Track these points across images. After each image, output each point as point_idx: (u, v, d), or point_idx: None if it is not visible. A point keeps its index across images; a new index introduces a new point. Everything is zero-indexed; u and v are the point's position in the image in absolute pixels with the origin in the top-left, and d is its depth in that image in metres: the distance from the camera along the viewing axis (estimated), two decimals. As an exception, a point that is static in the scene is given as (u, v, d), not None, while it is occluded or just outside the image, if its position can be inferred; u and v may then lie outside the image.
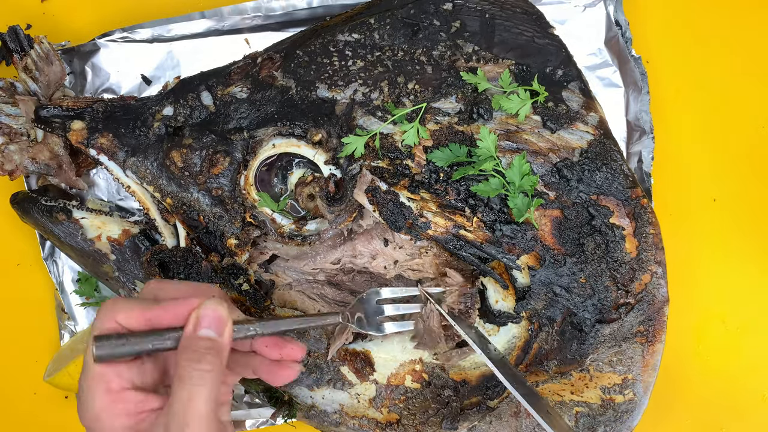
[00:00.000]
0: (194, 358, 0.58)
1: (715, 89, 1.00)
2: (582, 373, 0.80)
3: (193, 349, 0.59)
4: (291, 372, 0.67)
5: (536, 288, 0.78)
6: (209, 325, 0.60)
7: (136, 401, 0.59)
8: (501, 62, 0.82)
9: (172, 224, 0.85)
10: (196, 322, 0.60)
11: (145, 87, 0.98)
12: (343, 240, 0.83)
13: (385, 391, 0.84)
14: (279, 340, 0.67)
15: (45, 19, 1.01)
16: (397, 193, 0.78)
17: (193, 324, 0.60)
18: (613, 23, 0.96)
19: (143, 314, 0.60)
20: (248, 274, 0.81)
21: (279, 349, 0.67)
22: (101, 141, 0.82)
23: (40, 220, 0.86)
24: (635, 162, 0.94)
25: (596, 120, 0.81)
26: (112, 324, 0.60)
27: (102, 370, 0.59)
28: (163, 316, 0.61)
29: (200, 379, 0.57)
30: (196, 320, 0.60)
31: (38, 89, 0.89)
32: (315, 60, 0.83)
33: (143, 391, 0.61)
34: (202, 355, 0.58)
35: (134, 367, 0.61)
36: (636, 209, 0.79)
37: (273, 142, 0.82)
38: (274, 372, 0.67)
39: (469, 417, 0.81)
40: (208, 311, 0.60)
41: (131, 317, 0.60)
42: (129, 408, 0.59)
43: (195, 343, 0.59)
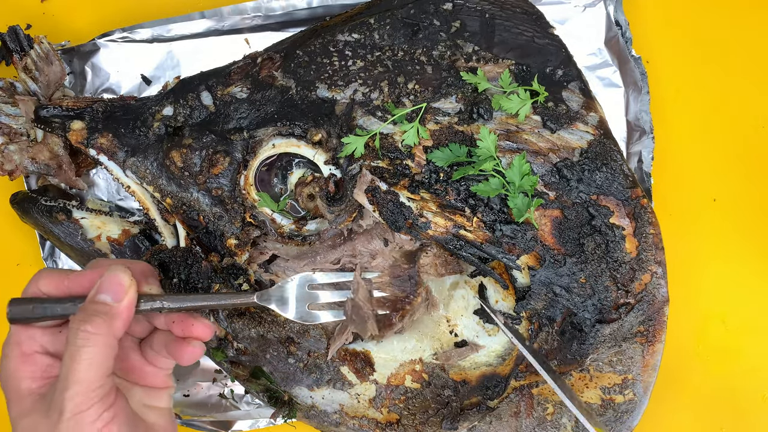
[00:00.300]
0: (82, 319, 0.58)
1: (715, 89, 1.00)
2: (582, 373, 0.80)
3: (86, 311, 0.59)
4: (194, 350, 0.66)
5: (536, 288, 0.78)
6: (108, 290, 0.60)
7: (45, 365, 0.61)
8: (501, 62, 0.82)
9: (172, 224, 0.85)
10: (98, 287, 0.61)
11: (145, 87, 0.98)
12: (343, 240, 0.83)
13: (385, 391, 0.84)
14: (186, 316, 0.67)
15: (45, 19, 1.01)
16: (397, 193, 0.78)
17: (95, 289, 0.61)
18: (613, 23, 0.96)
19: (62, 281, 0.62)
20: (248, 274, 0.81)
21: (183, 326, 0.66)
22: (101, 141, 0.82)
23: (39, 220, 0.86)
24: (635, 162, 0.94)
25: (596, 120, 0.81)
26: (34, 290, 0.62)
27: (16, 333, 0.61)
28: (80, 283, 0.62)
29: (84, 341, 0.57)
30: (98, 285, 0.61)
31: (38, 89, 0.89)
32: (315, 60, 0.83)
33: (54, 357, 0.62)
34: (90, 317, 0.58)
35: (48, 333, 0.62)
36: (636, 209, 0.79)
37: (273, 142, 0.82)
38: (179, 350, 0.66)
39: (469, 417, 0.81)
40: (109, 276, 0.61)
41: (51, 284, 0.62)
42: (35, 371, 0.60)
43: (89, 306, 0.60)
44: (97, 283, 0.61)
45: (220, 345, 0.84)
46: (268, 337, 0.83)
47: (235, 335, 0.83)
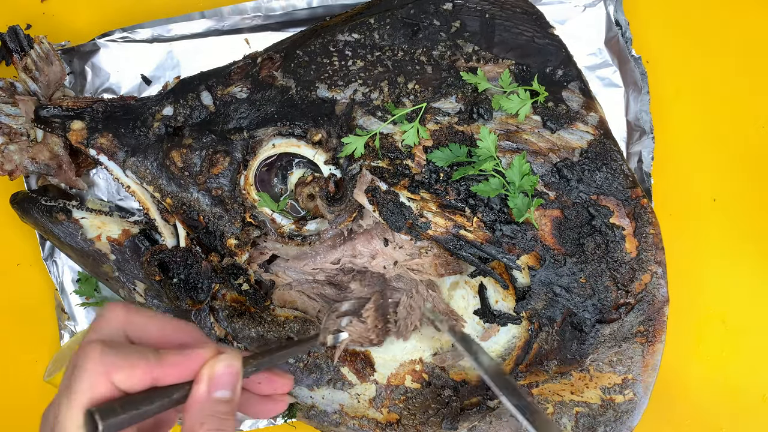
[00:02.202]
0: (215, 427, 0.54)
1: (715, 89, 1.00)
2: (582, 373, 0.80)
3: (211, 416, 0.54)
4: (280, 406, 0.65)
5: (536, 288, 0.78)
6: (226, 384, 0.55)
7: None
8: (501, 62, 0.82)
9: (172, 224, 0.85)
10: (210, 383, 0.54)
11: (145, 87, 0.98)
12: (343, 240, 0.83)
13: (385, 391, 0.84)
14: (270, 375, 0.65)
15: (45, 19, 1.01)
16: (397, 193, 0.78)
17: (207, 385, 0.54)
18: (613, 23, 0.96)
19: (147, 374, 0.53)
20: (248, 274, 0.81)
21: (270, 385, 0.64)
22: (101, 141, 0.82)
23: (40, 220, 0.86)
24: (635, 162, 0.94)
25: (596, 120, 0.81)
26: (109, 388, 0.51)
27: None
28: (171, 374, 0.54)
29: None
30: (209, 381, 0.55)
31: (38, 89, 0.89)
32: (315, 60, 0.83)
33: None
34: (222, 422, 0.54)
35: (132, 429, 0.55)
36: (636, 209, 0.79)
37: (273, 142, 0.82)
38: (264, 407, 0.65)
39: (469, 417, 0.81)
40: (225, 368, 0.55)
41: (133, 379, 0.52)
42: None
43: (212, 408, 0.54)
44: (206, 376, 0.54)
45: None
46: (268, 337, 0.83)
47: (235, 335, 0.83)
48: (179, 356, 0.54)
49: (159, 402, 0.52)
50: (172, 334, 0.58)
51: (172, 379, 0.54)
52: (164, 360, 0.54)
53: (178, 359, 0.54)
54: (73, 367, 0.52)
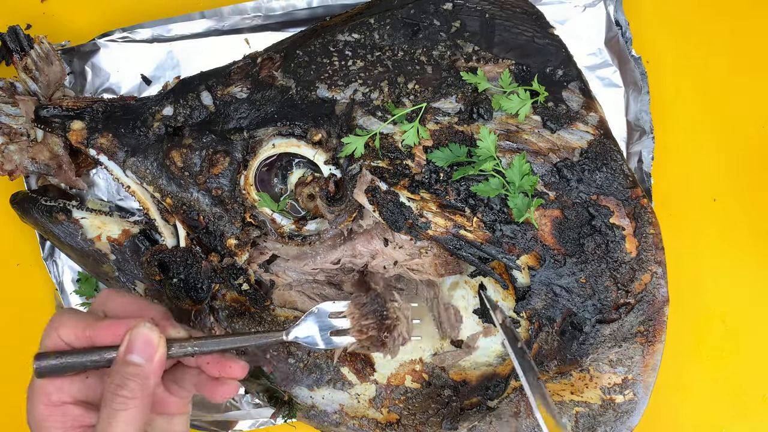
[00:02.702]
0: (118, 382, 0.60)
1: (715, 89, 1.00)
2: (582, 373, 0.80)
3: (119, 374, 0.60)
4: (230, 389, 0.68)
5: (536, 288, 0.78)
6: (138, 350, 0.61)
7: (74, 415, 0.62)
8: (501, 62, 0.82)
9: (172, 224, 0.85)
10: (127, 347, 0.61)
11: (145, 87, 0.98)
12: (343, 240, 0.83)
13: (385, 391, 0.84)
14: (220, 357, 0.68)
15: (45, 19, 1.01)
16: (397, 193, 0.78)
17: (125, 347, 0.61)
18: (613, 23, 0.96)
19: (84, 332, 0.62)
20: (248, 274, 0.81)
21: (219, 368, 0.67)
22: (101, 141, 0.82)
23: (40, 220, 0.86)
24: (635, 162, 0.94)
25: (596, 120, 0.81)
26: (54, 340, 0.62)
27: (43, 383, 0.61)
28: (103, 334, 0.62)
29: (121, 404, 0.59)
30: (127, 344, 0.61)
31: (38, 89, 0.89)
32: (315, 60, 0.83)
33: (83, 406, 0.63)
34: (125, 381, 0.60)
35: (77, 381, 0.63)
36: (636, 209, 0.79)
37: (273, 142, 0.82)
38: (213, 389, 0.68)
39: (469, 417, 0.81)
40: (138, 335, 0.61)
41: (72, 334, 0.62)
42: (66, 421, 0.61)
43: (122, 369, 0.60)
44: (125, 340, 0.61)
45: (220, 345, 0.83)
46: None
47: (235, 335, 0.82)
48: (113, 322, 0.63)
49: (91, 357, 0.61)
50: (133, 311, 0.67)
51: (103, 339, 0.62)
52: (100, 323, 0.63)
53: (111, 324, 0.62)
54: None
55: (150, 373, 0.61)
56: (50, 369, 0.61)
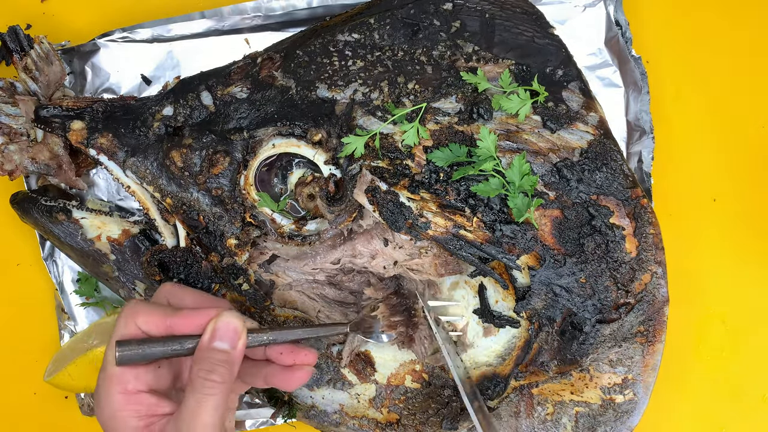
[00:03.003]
0: (207, 368, 0.61)
1: (715, 89, 1.00)
2: (582, 373, 0.80)
3: (207, 360, 0.61)
4: (304, 375, 0.70)
5: (536, 288, 0.78)
6: (224, 337, 0.62)
7: (149, 404, 0.63)
8: (501, 62, 0.82)
9: (172, 224, 0.85)
10: (212, 334, 0.62)
11: (145, 87, 0.98)
12: (343, 240, 0.83)
13: (385, 391, 0.84)
14: (293, 347, 0.70)
15: (45, 19, 1.01)
16: (397, 193, 0.78)
17: (210, 335, 0.62)
18: (613, 23, 0.96)
19: (163, 321, 0.63)
20: (248, 274, 0.81)
21: (293, 356, 0.70)
22: (101, 141, 0.82)
23: (40, 220, 0.86)
24: (635, 162, 0.94)
25: (596, 120, 0.81)
26: (133, 328, 0.63)
27: (121, 372, 0.62)
28: (182, 323, 0.63)
29: (210, 389, 0.60)
30: (212, 331, 0.62)
31: (38, 89, 0.89)
32: (315, 60, 0.83)
33: (157, 395, 0.64)
34: (214, 367, 0.61)
35: (151, 371, 0.64)
36: (636, 209, 0.79)
37: (273, 142, 0.82)
38: (288, 377, 0.70)
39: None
40: (224, 324, 0.63)
41: (151, 322, 0.63)
42: (142, 410, 0.62)
43: (209, 355, 0.62)
44: (210, 328, 0.63)
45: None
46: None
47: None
48: (192, 311, 0.64)
49: (171, 346, 0.62)
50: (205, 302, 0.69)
51: (183, 328, 0.63)
52: (179, 313, 0.64)
53: (190, 314, 0.64)
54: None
55: (235, 359, 0.63)
56: (131, 357, 0.61)
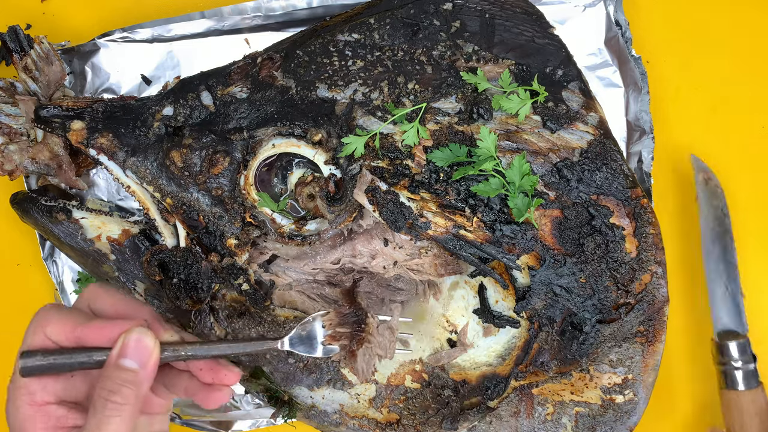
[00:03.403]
0: (110, 388, 0.58)
1: (715, 89, 1.00)
2: (582, 373, 0.80)
3: (112, 379, 0.58)
4: (222, 396, 0.66)
5: (536, 288, 0.78)
6: (133, 355, 0.59)
7: (58, 416, 0.60)
8: (501, 62, 0.82)
9: (172, 224, 0.85)
10: (120, 350, 0.59)
11: (145, 87, 0.98)
12: (343, 240, 0.83)
13: (385, 391, 0.84)
14: (213, 364, 0.66)
15: (45, 19, 1.01)
16: (397, 193, 0.78)
17: (118, 351, 0.59)
18: (613, 23, 0.96)
19: (73, 331, 0.60)
20: (248, 274, 0.81)
21: (212, 374, 0.66)
22: (101, 141, 0.82)
23: (39, 220, 0.86)
24: (635, 162, 0.94)
25: (596, 120, 0.81)
26: (41, 338, 0.60)
27: (28, 382, 0.60)
28: (92, 335, 0.60)
29: (112, 410, 0.57)
30: (120, 348, 0.59)
31: (38, 89, 0.89)
32: (315, 60, 0.83)
33: (67, 406, 0.61)
34: (118, 387, 0.58)
35: (61, 381, 0.61)
36: (636, 209, 0.79)
37: (273, 142, 0.82)
38: (206, 395, 0.66)
39: (469, 417, 0.81)
40: (134, 340, 0.59)
41: (60, 332, 0.60)
42: (50, 422, 0.60)
43: (115, 373, 0.58)
44: (119, 344, 0.59)
45: (220, 345, 0.84)
46: (268, 338, 0.83)
47: (235, 335, 0.83)
48: (104, 322, 0.61)
49: (79, 359, 0.59)
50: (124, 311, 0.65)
51: (93, 340, 0.60)
52: (91, 323, 0.60)
53: (102, 325, 0.60)
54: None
55: (143, 379, 0.60)
56: (36, 368, 0.59)
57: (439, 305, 0.85)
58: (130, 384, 0.58)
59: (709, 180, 0.88)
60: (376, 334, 0.77)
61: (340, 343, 0.75)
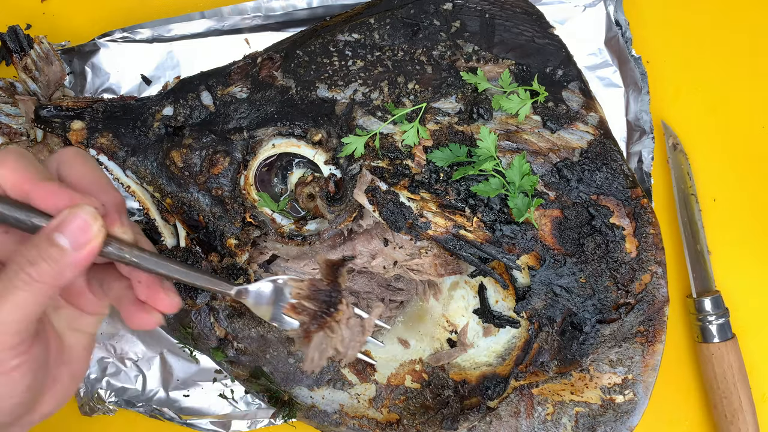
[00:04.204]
0: (30, 258, 0.50)
1: (715, 89, 1.00)
2: (582, 373, 0.80)
3: (36, 250, 0.51)
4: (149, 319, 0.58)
5: (536, 288, 0.78)
6: (70, 233, 0.51)
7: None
8: (501, 62, 0.82)
9: (172, 224, 0.85)
10: (58, 224, 0.51)
11: (145, 87, 0.98)
12: (343, 240, 0.83)
13: (385, 391, 0.84)
14: (156, 281, 0.58)
15: (45, 19, 1.01)
16: (397, 193, 0.78)
17: (56, 224, 0.51)
18: (613, 23, 0.96)
19: (23, 183, 0.52)
20: (248, 274, 0.81)
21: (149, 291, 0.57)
22: (101, 141, 0.82)
23: (40, 220, 0.86)
24: (635, 162, 0.94)
25: (596, 120, 0.81)
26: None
27: None
28: (41, 196, 0.52)
29: (22, 282, 0.50)
30: (59, 221, 0.51)
31: (38, 89, 0.89)
32: (315, 60, 0.83)
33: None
34: (39, 261, 0.50)
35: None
36: (636, 209, 0.79)
37: (273, 142, 0.82)
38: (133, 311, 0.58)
39: (469, 417, 0.81)
40: (77, 217, 0.51)
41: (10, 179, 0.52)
42: None
43: (42, 245, 0.51)
44: (60, 216, 0.51)
45: (220, 345, 0.84)
46: (268, 337, 0.83)
47: (235, 335, 0.83)
48: (59, 188, 0.53)
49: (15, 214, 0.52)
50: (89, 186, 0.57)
51: (39, 201, 0.52)
52: (45, 183, 0.53)
53: (56, 190, 0.53)
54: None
55: (71, 263, 0.51)
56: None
57: (439, 305, 0.85)
58: (53, 262, 0.50)
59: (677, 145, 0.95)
60: (343, 325, 0.66)
61: (299, 318, 0.65)
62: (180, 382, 0.96)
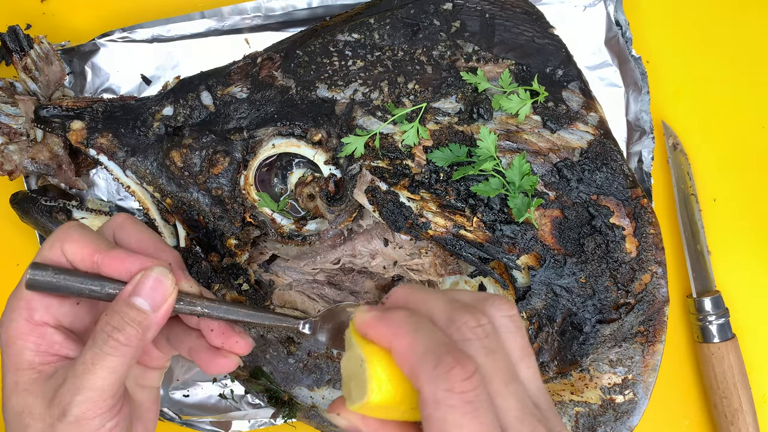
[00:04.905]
0: (115, 324, 0.53)
1: (715, 89, 1.00)
2: (582, 373, 0.80)
3: (119, 315, 0.54)
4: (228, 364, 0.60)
5: (536, 288, 0.78)
6: (147, 295, 0.54)
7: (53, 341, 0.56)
8: (501, 62, 0.82)
9: (171, 224, 0.85)
10: (135, 288, 0.54)
11: (145, 87, 0.98)
12: (343, 240, 0.83)
13: (385, 391, 0.84)
14: (227, 327, 0.60)
15: (45, 19, 1.01)
16: (397, 193, 0.78)
17: (132, 288, 0.54)
18: (613, 23, 0.96)
19: (92, 255, 0.55)
20: (248, 274, 0.81)
21: (224, 337, 0.60)
22: (101, 141, 0.82)
23: (39, 220, 0.86)
24: (635, 162, 0.94)
25: (596, 120, 0.81)
26: (58, 254, 0.56)
27: (30, 296, 0.56)
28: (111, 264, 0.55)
29: (112, 348, 0.53)
30: (135, 284, 0.54)
31: (38, 89, 0.89)
32: (315, 60, 0.83)
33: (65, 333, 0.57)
34: (124, 325, 0.53)
35: (66, 305, 0.57)
36: (636, 209, 0.79)
37: (273, 142, 0.82)
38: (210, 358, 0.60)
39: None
40: (152, 279, 0.54)
41: (79, 253, 0.56)
42: (42, 345, 0.55)
43: (124, 310, 0.54)
44: (135, 280, 0.54)
45: (220, 345, 0.83)
46: (268, 338, 0.83)
47: (235, 335, 0.83)
48: (126, 254, 0.56)
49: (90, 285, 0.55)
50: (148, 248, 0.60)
51: (111, 270, 0.55)
52: (112, 252, 0.56)
53: (124, 256, 0.56)
54: None
55: (153, 323, 0.54)
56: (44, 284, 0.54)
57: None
58: (137, 325, 0.54)
59: (677, 145, 0.96)
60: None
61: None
62: (180, 382, 0.96)
